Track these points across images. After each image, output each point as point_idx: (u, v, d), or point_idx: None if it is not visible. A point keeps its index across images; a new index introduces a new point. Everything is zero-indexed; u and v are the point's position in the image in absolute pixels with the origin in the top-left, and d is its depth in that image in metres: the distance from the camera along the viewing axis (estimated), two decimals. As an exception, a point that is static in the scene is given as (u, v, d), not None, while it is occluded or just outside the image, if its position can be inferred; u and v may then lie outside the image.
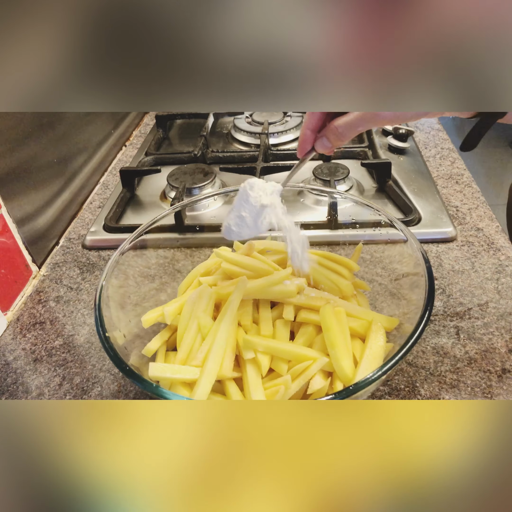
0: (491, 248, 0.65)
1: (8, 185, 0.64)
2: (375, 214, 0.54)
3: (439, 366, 0.51)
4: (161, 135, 1.02)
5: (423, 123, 1.01)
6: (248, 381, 0.43)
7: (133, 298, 0.51)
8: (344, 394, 0.36)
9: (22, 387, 0.52)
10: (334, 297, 0.50)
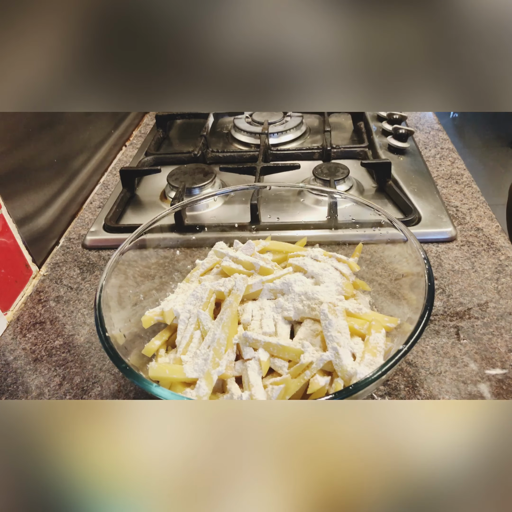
0: (491, 248, 0.65)
1: (8, 185, 0.64)
2: (375, 214, 0.54)
3: (439, 366, 0.51)
4: (161, 135, 1.02)
5: (423, 123, 1.01)
6: (248, 380, 0.43)
7: (133, 298, 0.51)
8: (344, 394, 0.36)
9: (22, 387, 0.52)
10: (334, 296, 0.50)
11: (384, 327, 0.47)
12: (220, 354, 0.44)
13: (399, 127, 0.91)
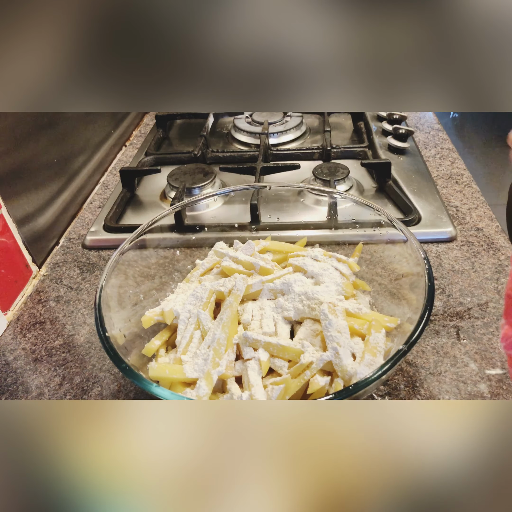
0: (491, 248, 0.65)
1: (8, 185, 0.64)
2: (375, 214, 0.54)
3: (439, 366, 0.51)
4: (161, 135, 1.02)
5: (423, 123, 1.01)
6: (248, 380, 0.43)
7: (133, 298, 0.52)
8: (344, 394, 0.36)
9: (22, 387, 0.52)
10: (334, 296, 0.50)
11: (384, 327, 0.47)
12: (220, 354, 0.44)
13: (399, 127, 0.91)
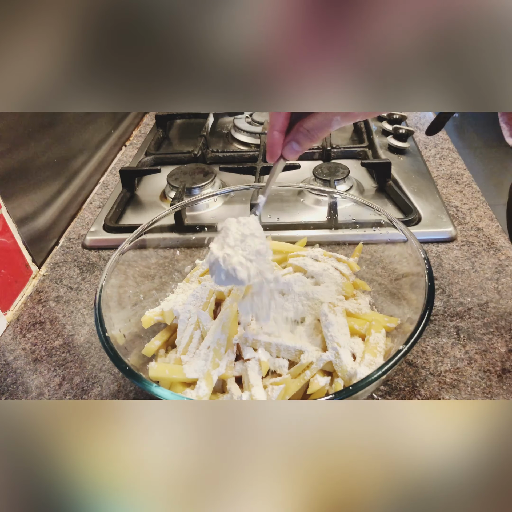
0: (491, 248, 0.65)
1: (8, 185, 0.64)
2: (375, 214, 0.54)
3: (439, 366, 0.51)
4: (161, 135, 1.02)
5: (423, 123, 1.01)
6: (248, 380, 0.43)
7: (133, 298, 0.51)
8: (344, 394, 0.36)
9: (22, 387, 0.52)
10: (334, 297, 0.50)
11: (384, 327, 0.47)
12: (220, 355, 0.44)
13: (399, 127, 0.91)
